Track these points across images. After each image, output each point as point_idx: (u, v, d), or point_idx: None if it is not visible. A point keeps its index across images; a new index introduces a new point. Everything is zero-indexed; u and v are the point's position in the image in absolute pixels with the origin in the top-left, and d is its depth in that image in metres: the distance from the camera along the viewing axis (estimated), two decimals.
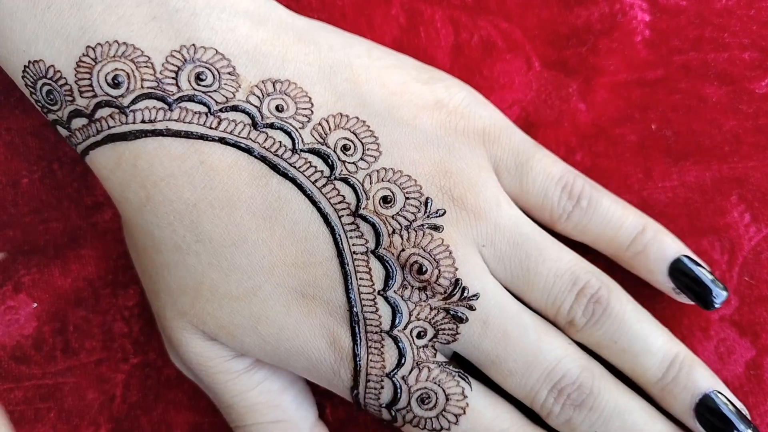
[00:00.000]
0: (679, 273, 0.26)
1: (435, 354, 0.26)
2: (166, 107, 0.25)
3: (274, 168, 0.25)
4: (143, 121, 0.25)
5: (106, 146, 0.25)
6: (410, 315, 0.25)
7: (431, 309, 0.25)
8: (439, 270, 0.25)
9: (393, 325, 0.25)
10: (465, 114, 0.27)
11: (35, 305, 0.30)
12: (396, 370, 0.25)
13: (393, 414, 0.26)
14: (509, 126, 0.27)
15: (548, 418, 0.25)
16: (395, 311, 0.25)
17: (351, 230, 0.25)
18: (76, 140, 0.26)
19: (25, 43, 0.25)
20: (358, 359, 0.25)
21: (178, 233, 0.25)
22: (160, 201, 0.25)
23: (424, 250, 0.25)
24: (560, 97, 0.30)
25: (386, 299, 0.25)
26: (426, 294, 0.25)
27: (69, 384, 0.30)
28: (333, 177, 0.25)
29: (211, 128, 0.25)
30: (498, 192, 0.26)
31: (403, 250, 0.25)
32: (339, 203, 0.25)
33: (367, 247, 0.25)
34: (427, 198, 0.25)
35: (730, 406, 0.25)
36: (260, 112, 0.25)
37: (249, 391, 0.27)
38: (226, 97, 0.25)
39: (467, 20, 0.30)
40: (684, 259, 0.26)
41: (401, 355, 0.25)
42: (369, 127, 0.26)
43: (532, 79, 0.30)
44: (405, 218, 0.25)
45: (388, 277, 0.25)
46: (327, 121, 0.26)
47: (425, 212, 0.25)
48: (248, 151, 0.25)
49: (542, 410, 0.25)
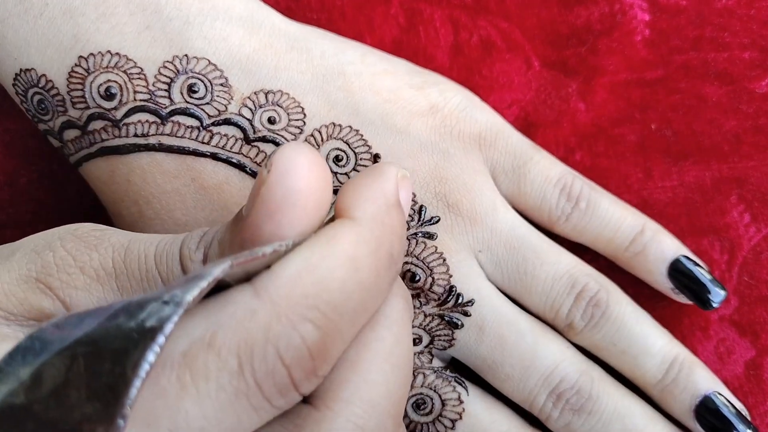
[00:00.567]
0: (678, 273, 0.26)
1: (431, 360, 0.26)
2: (159, 121, 0.25)
3: None
4: (136, 135, 0.25)
5: (100, 159, 0.25)
6: None
7: (426, 316, 0.25)
8: (433, 278, 0.25)
9: None
10: (460, 118, 0.27)
11: None
12: None
13: None
14: (506, 129, 0.27)
15: (547, 422, 0.25)
16: None
17: None
18: (69, 151, 0.26)
19: (17, 51, 0.25)
20: None
21: None
22: (152, 219, 0.25)
23: (417, 258, 0.25)
24: (560, 97, 0.30)
25: None
26: (420, 301, 0.25)
27: None
28: None
29: (203, 143, 0.25)
30: (494, 196, 0.26)
31: None
32: None
33: None
34: (421, 206, 0.25)
35: (730, 407, 0.25)
36: (252, 126, 0.25)
37: None
38: (218, 110, 0.25)
39: (467, 20, 0.30)
40: (683, 259, 0.26)
41: None
42: (362, 136, 0.26)
43: (532, 79, 0.30)
44: None
45: None
46: (320, 132, 0.25)
47: (419, 220, 0.25)
48: (240, 167, 0.25)
49: (541, 414, 0.25)
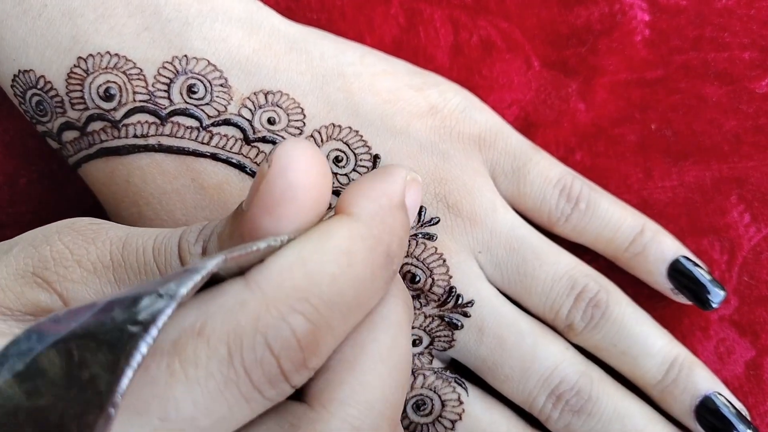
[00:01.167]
0: (678, 273, 0.26)
1: (431, 360, 0.26)
2: (159, 121, 0.25)
3: None
4: (135, 136, 0.25)
5: (99, 160, 0.25)
6: None
7: (426, 317, 0.25)
8: (433, 278, 0.25)
9: None
10: (460, 119, 0.27)
11: None
12: None
13: None
14: (505, 129, 0.27)
15: (547, 423, 0.25)
16: None
17: None
18: (68, 152, 0.26)
19: (15, 52, 0.25)
20: None
21: None
22: (151, 219, 0.25)
23: (417, 259, 0.25)
24: (560, 97, 0.30)
25: None
26: (420, 302, 0.25)
27: None
28: None
29: (203, 143, 0.25)
30: (494, 197, 0.26)
31: None
32: None
33: None
34: (421, 207, 0.25)
35: (730, 407, 0.25)
36: (252, 126, 0.25)
37: None
38: (218, 111, 0.25)
39: (467, 20, 0.30)
40: (682, 260, 0.26)
41: None
42: (362, 137, 0.26)
43: (532, 79, 0.30)
44: None
45: None
46: (319, 132, 0.25)
47: (419, 221, 0.25)
48: (240, 167, 0.25)
49: (541, 415, 0.25)
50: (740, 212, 0.28)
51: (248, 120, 0.25)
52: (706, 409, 0.25)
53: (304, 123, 0.25)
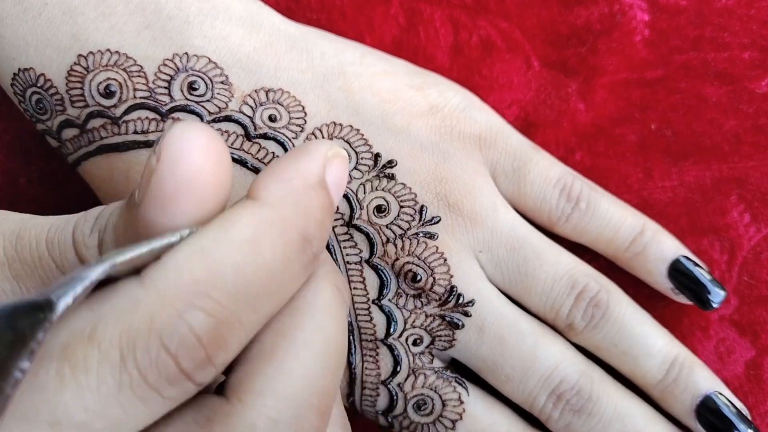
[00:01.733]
0: (678, 273, 0.26)
1: (432, 360, 0.26)
2: (159, 118, 0.25)
3: None
4: (136, 132, 0.25)
5: (99, 157, 0.25)
6: (405, 323, 0.25)
7: (427, 316, 0.25)
8: (434, 278, 0.25)
9: (388, 333, 0.25)
10: (460, 119, 0.27)
11: None
12: (391, 378, 0.25)
13: (390, 420, 0.26)
14: (506, 129, 0.27)
15: (548, 423, 0.25)
16: (390, 319, 0.25)
17: (344, 240, 0.25)
18: (67, 150, 0.26)
19: (15, 51, 0.25)
20: (353, 367, 0.25)
21: None
22: None
23: (419, 258, 0.25)
24: (560, 97, 0.30)
25: (381, 308, 0.25)
26: (421, 301, 0.25)
27: None
28: None
29: None
30: (494, 197, 0.26)
31: (398, 259, 0.25)
32: None
33: (361, 257, 0.25)
34: (422, 206, 0.25)
35: (731, 407, 0.25)
36: (253, 122, 0.25)
37: None
38: (219, 107, 0.25)
39: (467, 20, 0.30)
40: (683, 260, 0.26)
41: (396, 363, 0.25)
42: (363, 136, 0.26)
43: (532, 79, 0.30)
44: (399, 227, 0.25)
45: (383, 286, 0.25)
46: (320, 130, 0.25)
47: (420, 220, 0.25)
48: (242, 163, 0.25)
49: (541, 415, 0.25)
50: (740, 212, 0.28)
51: (249, 117, 0.25)
52: (707, 409, 0.25)
53: (305, 121, 0.25)
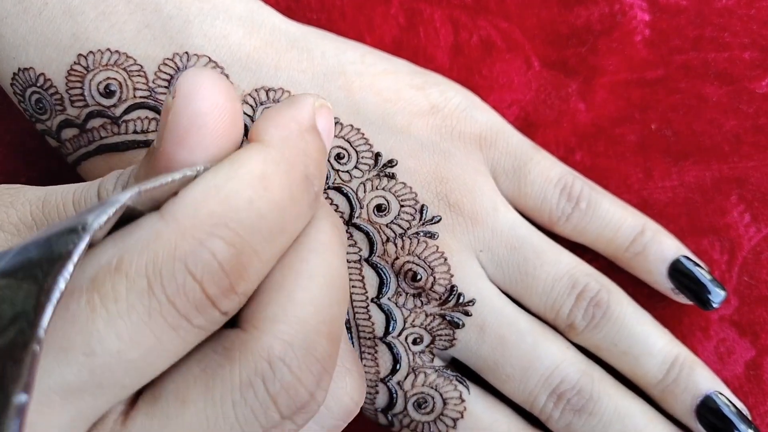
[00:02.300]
0: (679, 273, 0.26)
1: (433, 359, 0.26)
2: (159, 117, 0.25)
3: None
4: (135, 132, 0.25)
5: (99, 157, 0.25)
6: (405, 322, 0.25)
7: (427, 315, 0.25)
8: (434, 277, 0.25)
9: (387, 332, 0.25)
10: (461, 118, 0.27)
11: None
12: (390, 376, 0.25)
13: (390, 419, 0.26)
14: (506, 129, 0.27)
15: (548, 423, 0.25)
16: (389, 318, 0.25)
17: None
18: (67, 150, 0.26)
19: (15, 50, 0.25)
20: None
21: None
22: None
23: (419, 258, 0.25)
24: (560, 97, 0.30)
25: (380, 306, 0.25)
26: (421, 300, 0.25)
27: None
28: (326, 186, 0.25)
29: None
30: (495, 197, 0.26)
31: (397, 258, 0.25)
32: None
33: (361, 255, 0.25)
34: (423, 205, 0.25)
35: (731, 407, 0.25)
36: (253, 121, 0.25)
37: None
38: None
39: (467, 20, 0.30)
40: (683, 260, 0.26)
41: (396, 361, 0.25)
42: (363, 135, 0.26)
43: (532, 79, 0.30)
44: (399, 226, 0.25)
45: (382, 285, 0.25)
46: None
47: (420, 220, 0.25)
48: None
49: (542, 415, 0.25)
50: (740, 212, 0.28)
51: (249, 116, 0.25)
52: (707, 409, 0.25)
53: None
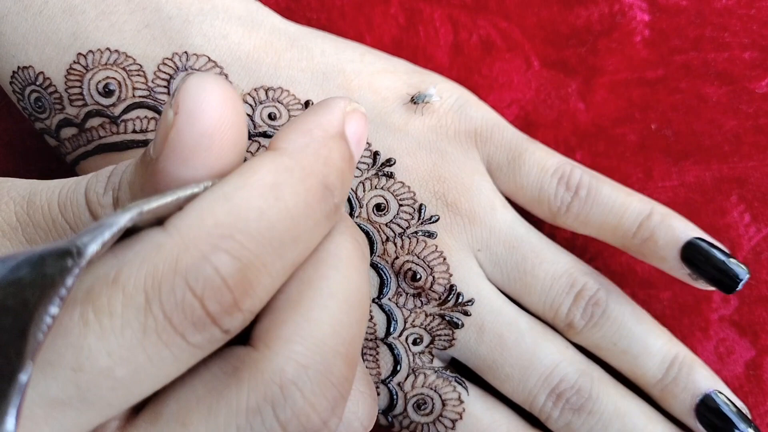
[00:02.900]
0: (694, 256, 0.24)
1: (432, 360, 0.26)
2: (158, 117, 0.25)
3: None
4: (134, 131, 0.25)
5: (98, 156, 0.25)
6: (405, 322, 0.25)
7: (426, 315, 0.25)
8: (434, 276, 0.25)
9: (388, 333, 0.25)
10: (456, 116, 0.27)
11: None
12: (391, 377, 0.25)
13: (390, 420, 0.26)
14: (501, 124, 0.27)
15: (547, 422, 0.25)
16: (390, 318, 0.25)
17: None
18: (66, 150, 0.26)
19: (15, 48, 0.25)
20: None
21: None
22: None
23: (418, 257, 0.25)
24: (560, 97, 0.30)
25: (381, 307, 0.25)
26: (421, 300, 0.25)
27: None
28: None
29: None
30: (492, 195, 0.26)
31: (397, 258, 0.25)
32: None
33: None
34: (421, 204, 0.25)
35: (731, 406, 0.25)
36: (252, 121, 0.25)
37: None
38: None
39: (466, 19, 0.30)
40: (697, 241, 0.24)
41: (396, 362, 0.25)
42: None
43: (531, 79, 0.30)
44: (399, 225, 0.25)
45: (383, 285, 0.25)
46: None
47: (419, 219, 0.25)
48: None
49: (541, 414, 0.25)
50: (740, 212, 0.28)
51: (249, 115, 0.25)
52: (707, 408, 0.25)
53: None
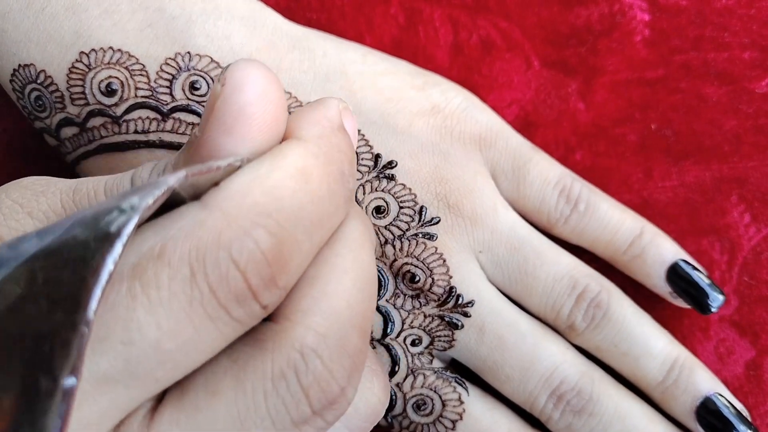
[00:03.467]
0: (677, 277, 0.26)
1: (432, 361, 0.26)
2: (160, 117, 0.25)
3: None
4: (136, 132, 0.25)
5: (99, 156, 0.25)
6: (403, 323, 0.25)
7: (425, 316, 0.25)
8: (433, 278, 0.25)
9: (385, 334, 0.25)
10: (461, 119, 0.27)
11: None
12: (389, 378, 0.25)
13: (389, 420, 0.26)
14: (506, 130, 0.27)
15: (548, 424, 0.25)
16: (387, 320, 0.25)
17: None
18: (66, 149, 0.26)
19: (16, 46, 0.24)
20: None
21: None
22: None
23: (417, 259, 0.25)
24: (560, 97, 0.29)
25: (378, 308, 0.25)
26: (420, 302, 0.25)
27: None
28: None
29: None
30: (495, 197, 0.26)
31: (396, 260, 0.25)
32: None
33: None
34: (422, 207, 0.25)
35: (731, 408, 0.25)
36: None
37: None
38: None
39: (466, 19, 0.30)
40: (681, 264, 0.26)
41: (395, 363, 0.25)
42: (363, 136, 0.26)
43: (531, 79, 0.30)
44: (398, 228, 0.25)
45: (380, 287, 0.25)
46: None
47: (419, 221, 0.25)
48: None
49: (542, 415, 0.25)
50: (740, 212, 0.28)
51: None
52: (707, 410, 0.25)
53: None
